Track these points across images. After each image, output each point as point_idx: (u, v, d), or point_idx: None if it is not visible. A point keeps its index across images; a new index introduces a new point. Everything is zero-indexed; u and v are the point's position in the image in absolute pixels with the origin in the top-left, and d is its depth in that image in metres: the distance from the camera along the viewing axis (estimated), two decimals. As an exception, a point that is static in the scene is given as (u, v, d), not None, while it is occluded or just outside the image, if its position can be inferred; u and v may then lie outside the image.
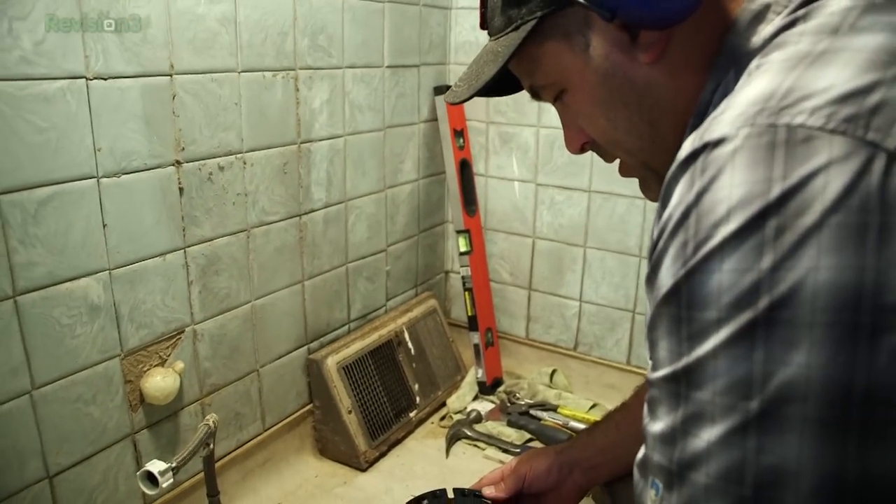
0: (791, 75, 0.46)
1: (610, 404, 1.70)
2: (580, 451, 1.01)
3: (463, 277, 1.77)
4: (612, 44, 0.60)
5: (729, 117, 0.46)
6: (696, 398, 0.46)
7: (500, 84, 0.68)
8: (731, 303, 0.44)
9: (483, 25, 0.69)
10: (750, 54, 0.54)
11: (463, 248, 1.75)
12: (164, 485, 0.91)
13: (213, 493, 1.15)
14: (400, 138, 1.64)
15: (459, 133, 1.72)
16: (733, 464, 0.45)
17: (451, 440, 1.58)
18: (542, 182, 1.72)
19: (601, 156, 0.71)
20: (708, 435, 0.46)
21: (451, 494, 0.97)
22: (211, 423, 1.04)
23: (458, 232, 1.76)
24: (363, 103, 1.50)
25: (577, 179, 1.67)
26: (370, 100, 1.52)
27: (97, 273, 1.03)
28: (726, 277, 0.44)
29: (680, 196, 0.48)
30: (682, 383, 0.47)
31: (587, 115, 0.67)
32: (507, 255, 1.82)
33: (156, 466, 0.91)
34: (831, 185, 0.42)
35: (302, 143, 1.35)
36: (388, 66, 1.55)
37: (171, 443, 1.20)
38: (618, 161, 0.71)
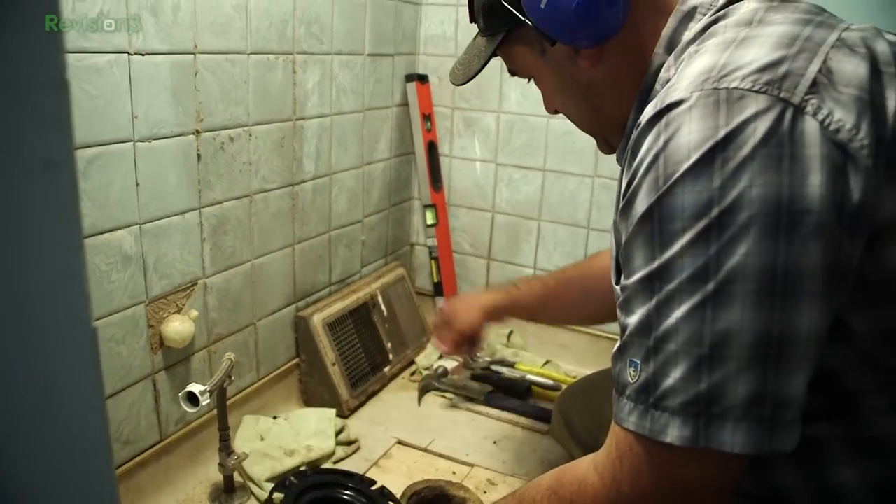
0: (724, 54, 0.63)
1: (562, 362, 1.91)
2: (518, 294, 1.32)
3: (430, 247, 1.95)
4: (560, 53, 0.79)
5: (682, 85, 0.63)
6: (666, 289, 0.61)
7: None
8: (692, 214, 0.59)
9: (472, 20, 0.87)
10: (686, 44, 0.72)
11: (430, 221, 1.94)
12: (204, 403, 1.06)
13: (224, 427, 1.29)
14: (376, 120, 1.81)
15: (427, 117, 1.91)
16: (695, 332, 0.59)
17: (423, 391, 1.76)
18: (502, 162, 1.92)
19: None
20: (677, 314, 0.60)
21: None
22: (232, 358, 1.19)
23: (426, 206, 1.94)
24: (347, 87, 1.66)
25: (533, 159, 1.88)
26: (353, 84, 1.68)
27: (130, 226, 1.16)
28: (688, 197, 0.59)
29: (649, 145, 0.63)
30: (655, 280, 0.62)
31: (550, 98, 0.88)
32: (468, 229, 2.02)
33: (196, 388, 1.06)
34: (759, 129, 0.57)
35: (297, 120, 1.51)
36: (368, 55, 1.72)
37: (183, 384, 1.33)
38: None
